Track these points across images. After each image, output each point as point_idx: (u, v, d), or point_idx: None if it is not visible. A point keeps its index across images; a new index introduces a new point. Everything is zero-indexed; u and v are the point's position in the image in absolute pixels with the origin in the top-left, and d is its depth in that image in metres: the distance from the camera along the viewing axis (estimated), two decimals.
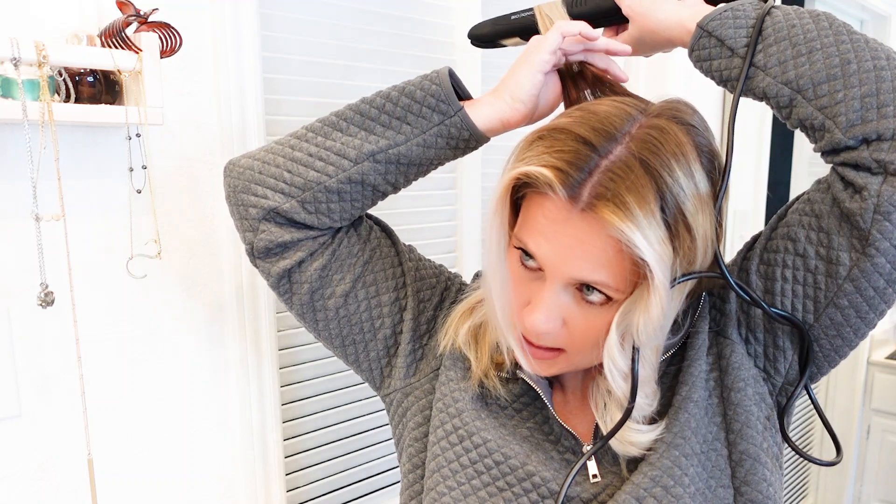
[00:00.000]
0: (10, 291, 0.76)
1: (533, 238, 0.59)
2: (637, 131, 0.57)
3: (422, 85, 0.69)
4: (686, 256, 0.57)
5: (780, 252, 0.62)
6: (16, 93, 0.66)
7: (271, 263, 0.71)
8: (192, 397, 0.92)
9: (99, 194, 0.81)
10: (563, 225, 0.57)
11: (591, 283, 0.57)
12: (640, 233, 0.53)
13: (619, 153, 0.55)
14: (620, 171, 0.54)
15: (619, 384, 0.60)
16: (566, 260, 0.57)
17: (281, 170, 0.69)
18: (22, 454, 0.79)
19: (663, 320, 0.57)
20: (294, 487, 1.08)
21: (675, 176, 0.55)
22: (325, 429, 1.12)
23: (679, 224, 0.55)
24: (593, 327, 0.60)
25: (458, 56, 1.22)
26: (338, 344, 0.75)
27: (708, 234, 0.59)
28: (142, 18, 0.73)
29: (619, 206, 0.53)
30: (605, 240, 0.55)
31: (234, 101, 0.90)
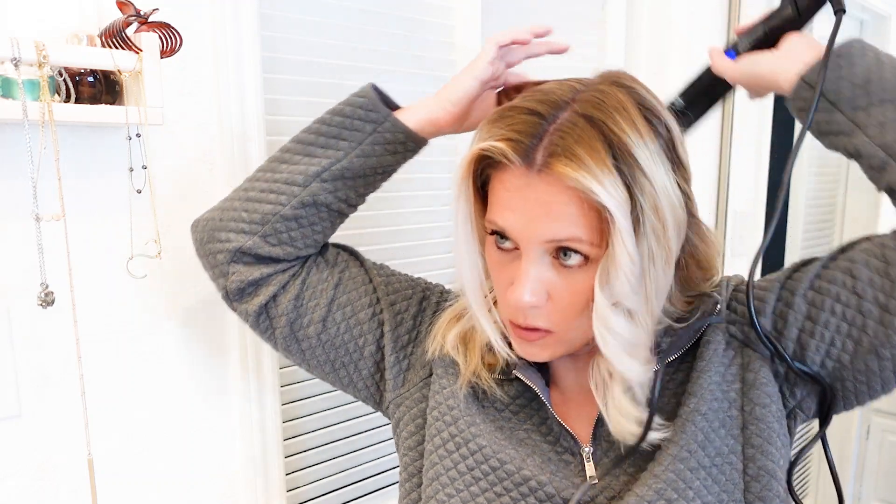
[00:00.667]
0: (10, 291, 0.76)
1: (500, 213, 0.60)
2: (580, 97, 0.59)
3: (350, 101, 0.74)
4: (648, 204, 0.57)
5: (835, 284, 0.63)
6: (16, 93, 0.66)
7: (247, 303, 0.75)
8: (193, 397, 0.92)
9: (99, 194, 0.81)
10: (525, 191, 0.58)
11: (564, 242, 0.58)
12: (595, 180, 0.55)
13: (566, 116, 0.58)
14: (568, 129, 0.57)
15: (613, 351, 0.60)
16: (534, 224, 0.58)
17: (238, 212, 0.73)
18: (22, 454, 0.79)
19: (635, 269, 0.57)
20: (294, 487, 1.08)
21: (620, 126, 0.57)
22: (325, 429, 1.12)
23: (633, 170, 0.56)
24: (578, 293, 0.60)
25: (458, 56, 1.22)
26: (329, 370, 0.76)
27: (668, 189, 0.59)
28: (142, 18, 0.73)
29: (572, 158, 0.56)
30: (566, 195, 0.57)
31: (234, 101, 0.90)
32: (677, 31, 1.48)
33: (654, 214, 0.58)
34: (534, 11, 1.35)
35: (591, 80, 0.63)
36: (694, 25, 1.54)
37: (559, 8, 1.38)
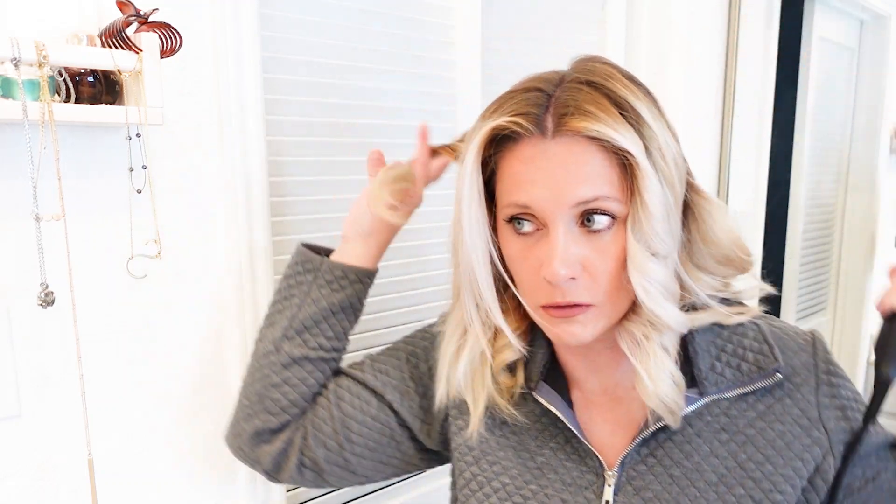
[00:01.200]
0: (10, 291, 0.76)
1: (520, 190, 0.60)
2: (570, 73, 0.62)
3: (288, 265, 0.80)
4: (657, 151, 0.58)
5: None
6: (16, 93, 0.66)
7: (286, 470, 0.78)
8: (192, 397, 0.92)
9: (99, 194, 0.81)
10: (542, 159, 0.59)
11: (592, 203, 0.58)
12: (612, 128, 0.56)
13: (565, 85, 0.60)
14: (573, 92, 0.59)
15: (656, 300, 0.60)
16: (560, 189, 0.58)
17: (242, 403, 0.79)
18: (22, 454, 0.79)
19: (662, 207, 0.58)
20: (294, 487, 1.08)
21: (616, 87, 0.59)
22: None
23: (639, 122, 0.58)
24: (611, 257, 0.59)
25: (458, 56, 1.22)
26: (389, 469, 0.80)
27: (669, 140, 0.60)
28: (142, 18, 0.73)
29: (584, 113, 0.57)
30: (586, 154, 0.58)
31: (234, 101, 0.90)
32: (677, 31, 1.48)
33: (663, 161, 0.59)
34: (534, 11, 1.35)
35: (574, 66, 0.65)
36: (694, 25, 1.54)
37: (559, 8, 1.38)
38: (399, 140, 1.15)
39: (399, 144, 1.16)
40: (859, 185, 2.46)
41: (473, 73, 1.24)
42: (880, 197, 2.48)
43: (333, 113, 1.07)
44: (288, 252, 1.03)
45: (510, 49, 1.32)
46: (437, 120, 1.20)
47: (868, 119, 2.45)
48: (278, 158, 1.01)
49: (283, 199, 1.02)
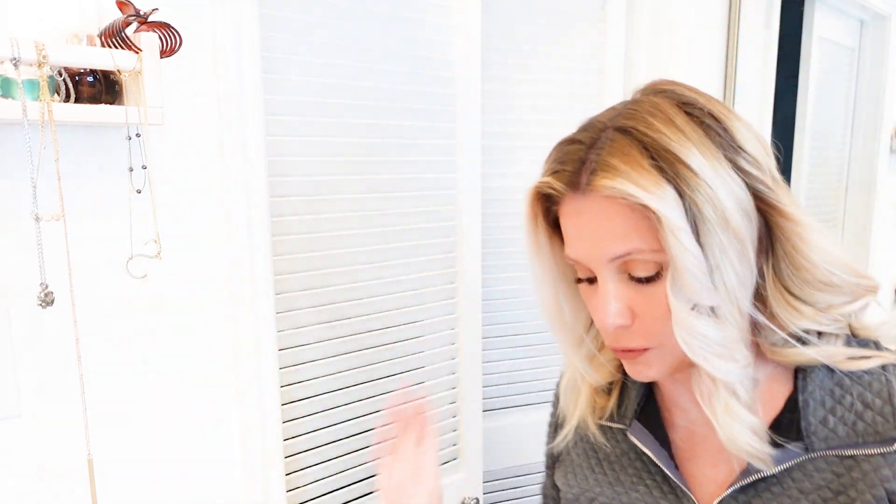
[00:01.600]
0: (10, 291, 0.76)
1: (568, 245, 0.62)
2: (618, 114, 0.60)
3: None
4: (702, 196, 0.55)
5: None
6: (16, 93, 0.66)
7: None
8: (192, 397, 0.92)
9: (99, 194, 0.81)
10: (580, 216, 0.59)
11: (626, 257, 0.57)
12: (631, 182, 0.55)
13: (604, 136, 0.58)
14: (604, 145, 0.57)
15: (701, 354, 0.58)
16: (594, 245, 0.59)
17: None
18: (22, 454, 0.79)
19: (701, 265, 0.55)
20: (294, 487, 1.08)
21: (654, 127, 0.56)
22: (326, 429, 1.12)
23: (675, 166, 0.55)
24: (658, 303, 0.58)
25: (457, 55, 1.22)
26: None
27: (724, 176, 0.56)
28: (142, 18, 0.73)
29: (607, 169, 0.56)
30: (613, 209, 0.57)
31: (234, 101, 0.90)
32: (677, 31, 1.48)
33: (711, 205, 0.55)
34: (533, 11, 1.34)
35: (632, 97, 0.62)
36: (694, 25, 1.54)
37: (559, 8, 1.38)
38: (399, 140, 1.15)
39: (399, 144, 1.16)
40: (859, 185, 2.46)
41: (473, 73, 1.24)
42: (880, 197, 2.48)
43: (333, 113, 1.07)
44: (288, 252, 1.04)
45: (510, 49, 1.32)
46: (437, 120, 1.20)
47: (868, 119, 2.44)
48: (278, 158, 1.01)
49: (283, 199, 1.02)
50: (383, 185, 1.14)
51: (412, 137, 1.17)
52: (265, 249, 0.96)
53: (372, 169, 1.13)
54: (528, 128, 1.38)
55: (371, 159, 1.12)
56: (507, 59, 1.32)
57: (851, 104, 2.44)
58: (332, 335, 1.11)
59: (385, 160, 1.14)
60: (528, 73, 1.36)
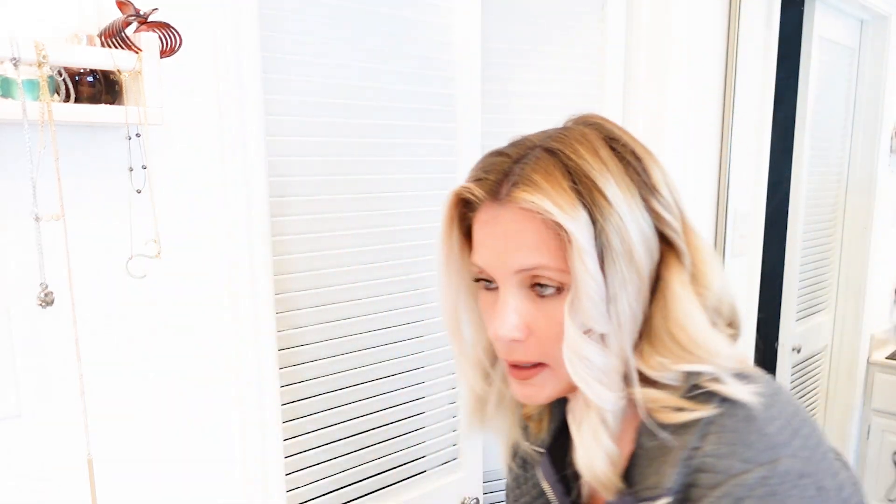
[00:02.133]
0: (10, 291, 0.76)
1: (477, 251, 0.63)
2: (547, 136, 0.62)
3: None
4: (612, 226, 0.56)
5: None
6: (16, 93, 0.66)
7: None
8: (192, 397, 0.92)
9: (99, 194, 0.81)
10: (493, 224, 0.60)
11: (532, 270, 0.58)
12: (550, 200, 0.56)
13: (531, 152, 0.60)
14: (529, 161, 0.59)
15: (583, 378, 0.58)
16: (502, 254, 0.60)
17: None
18: (22, 454, 0.79)
19: (601, 291, 0.56)
20: (294, 487, 1.08)
21: (578, 153, 0.58)
22: (325, 429, 1.12)
23: (593, 193, 0.57)
24: (556, 322, 0.59)
25: (457, 55, 1.22)
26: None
27: (636, 213, 0.58)
28: (141, 18, 0.73)
29: (529, 184, 0.57)
30: (528, 223, 0.58)
31: (234, 101, 0.90)
32: (677, 30, 1.48)
33: (619, 237, 0.57)
34: (533, 11, 1.34)
35: (564, 124, 0.65)
36: (694, 25, 1.54)
37: (559, 8, 1.38)
38: (399, 140, 1.15)
39: (399, 144, 1.16)
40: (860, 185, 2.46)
41: (473, 73, 1.24)
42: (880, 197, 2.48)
43: (333, 113, 1.07)
44: (287, 252, 1.04)
45: (510, 49, 1.32)
46: (437, 120, 1.20)
47: (868, 119, 2.44)
48: (278, 158, 1.01)
49: (283, 199, 1.02)
50: (383, 185, 1.14)
51: (412, 137, 1.17)
52: (265, 249, 0.96)
53: (372, 169, 1.13)
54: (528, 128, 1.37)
55: (371, 159, 1.12)
56: (507, 59, 1.32)
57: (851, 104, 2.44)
58: (332, 335, 1.11)
59: (385, 160, 1.14)
60: (528, 73, 1.36)
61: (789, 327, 2.26)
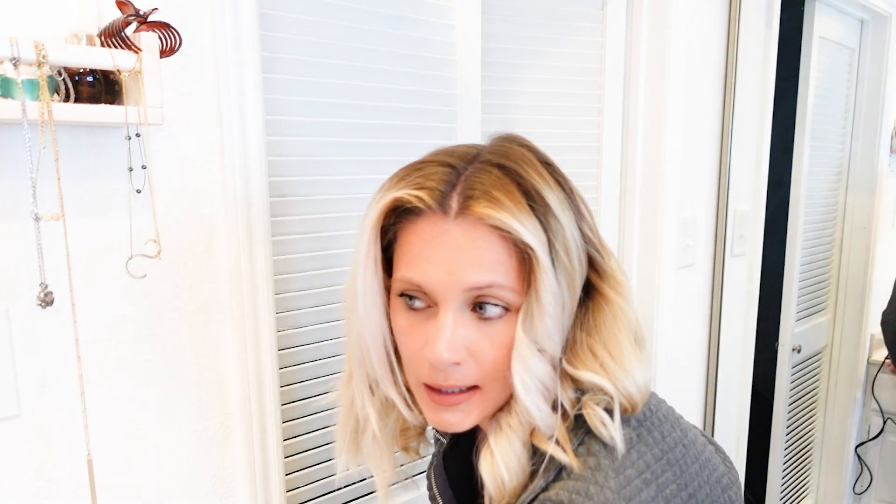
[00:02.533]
0: (9, 291, 0.76)
1: (415, 267, 0.58)
2: (484, 152, 0.60)
3: None
4: (561, 247, 0.57)
5: None
6: (15, 93, 0.66)
7: None
8: (192, 397, 0.92)
9: (99, 194, 0.81)
10: (442, 238, 0.57)
11: (486, 290, 0.56)
12: (516, 219, 0.55)
13: (477, 165, 0.58)
14: (483, 175, 0.57)
15: (533, 396, 0.57)
16: (453, 271, 0.56)
17: None
18: (22, 454, 0.79)
19: (556, 310, 0.56)
20: (294, 487, 1.08)
21: (529, 174, 0.57)
22: (325, 429, 1.12)
23: (546, 214, 0.57)
24: (500, 345, 0.58)
25: (458, 56, 1.22)
26: None
27: (575, 235, 0.59)
28: (141, 18, 0.73)
29: (491, 200, 0.56)
30: (486, 240, 0.56)
31: (234, 101, 0.90)
32: (677, 31, 1.48)
33: (567, 257, 0.58)
34: (533, 11, 1.34)
35: (493, 142, 0.63)
36: (694, 25, 1.54)
37: (559, 8, 1.38)
38: (399, 140, 1.15)
39: (398, 144, 1.16)
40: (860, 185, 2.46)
41: (473, 73, 1.24)
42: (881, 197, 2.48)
43: (333, 113, 1.07)
44: (288, 252, 1.04)
45: (510, 49, 1.32)
46: (438, 120, 1.20)
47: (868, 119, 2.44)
48: (278, 158, 1.01)
49: (283, 199, 1.02)
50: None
51: (412, 137, 1.17)
52: (265, 249, 0.96)
53: (372, 169, 1.13)
54: (528, 128, 1.38)
55: (371, 159, 1.12)
56: (507, 59, 1.32)
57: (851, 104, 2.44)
58: (332, 335, 1.11)
59: (385, 160, 1.14)
60: (528, 73, 1.36)
61: (789, 327, 2.26)
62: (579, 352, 0.61)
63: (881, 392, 2.59)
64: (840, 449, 2.59)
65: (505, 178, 0.57)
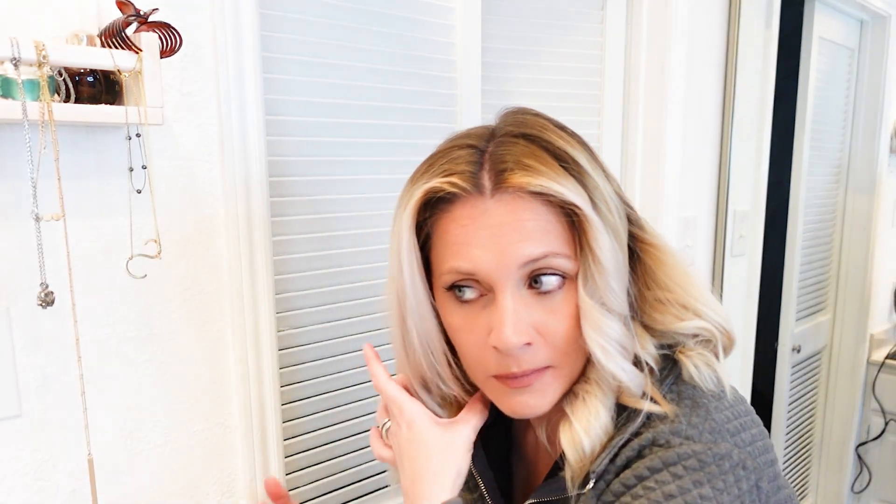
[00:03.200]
0: (10, 291, 0.76)
1: (461, 255, 0.56)
2: (499, 128, 0.59)
3: None
4: (601, 203, 0.56)
5: None
6: (16, 93, 0.66)
7: None
8: (192, 397, 0.92)
9: (99, 194, 0.81)
10: (483, 218, 0.55)
11: (542, 260, 0.55)
12: (556, 182, 0.54)
13: (498, 140, 0.57)
14: (509, 147, 0.56)
15: (615, 358, 0.55)
16: (502, 250, 0.55)
17: None
18: (22, 454, 0.79)
19: (614, 264, 0.56)
20: (294, 487, 1.08)
21: (554, 138, 0.57)
22: (325, 429, 1.12)
23: (582, 174, 0.56)
24: (566, 317, 0.56)
25: (458, 56, 1.22)
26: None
27: (609, 189, 0.58)
28: (142, 18, 0.73)
29: (525, 168, 0.54)
30: (530, 210, 0.55)
31: (234, 101, 0.90)
32: (677, 30, 1.48)
33: (609, 213, 0.57)
34: (533, 11, 1.34)
35: (504, 115, 0.62)
36: (694, 25, 1.54)
37: (559, 8, 1.38)
38: (399, 140, 1.15)
39: (398, 144, 1.16)
40: (859, 185, 2.46)
41: (473, 73, 1.24)
42: (880, 197, 2.48)
43: (333, 113, 1.07)
44: (288, 252, 1.04)
45: (510, 49, 1.32)
46: (437, 120, 1.20)
47: (868, 119, 2.45)
48: (278, 158, 1.01)
49: (283, 199, 1.02)
50: (383, 185, 1.14)
51: (412, 137, 1.17)
52: (265, 249, 0.96)
53: (372, 169, 1.13)
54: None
55: (371, 159, 1.12)
56: (507, 59, 1.32)
57: (851, 104, 2.44)
58: (332, 335, 1.11)
59: (385, 160, 1.14)
60: (528, 73, 1.36)
61: (789, 327, 2.26)
62: (654, 305, 0.60)
63: (881, 392, 2.59)
64: (840, 449, 2.59)
65: (531, 145, 0.56)
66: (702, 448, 0.53)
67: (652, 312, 0.60)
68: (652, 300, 0.60)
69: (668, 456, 0.53)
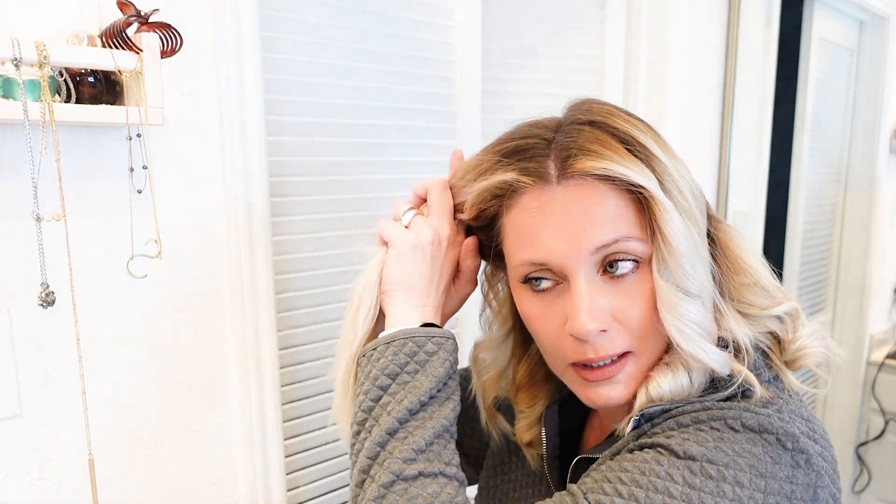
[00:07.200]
0: (10, 291, 0.76)
1: (533, 244, 0.57)
2: (566, 118, 0.59)
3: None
4: (671, 184, 0.56)
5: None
6: (17, 93, 0.66)
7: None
8: (193, 397, 0.92)
9: (99, 194, 0.81)
10: (551, 206, 0.56)
11: (613, 245, 0.54)
12: (622, 165, 0.54)
13: (566, 128, 0.57)
14: (574, 135, 0.56)
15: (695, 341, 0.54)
16: (574, 237, 0.55)
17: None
18: (22, 454, 0.79)
19: (689, 246, 0.55)
20: (294, 487, 1.08)
21: (620, 123, 0.56)
22: (325, 429, 1.12)
23: (648, 156, 0.55)
24: (642, 301, 0.56)
25: (458, 56, 1.22)
26: None
27: (680, 171, 0.58)
28: (142, 19, 0.73)
29: (589, 152, 0.54)
30: (597, 195, 0.55)
31: (234, 101, 0.90)
32: (677, 31, 1.48)
33: (680, 194, 0.56)
34: (533, 11, 1.35)
35: (572, 105, 0.62)
36: (694, 25, 1.54)
37: (559, 8, 1.38)
38: (399, 140, 1.16)
39: (399, 144, 1.16)
40: (859, 185, 2.46)
41: (473, 73, 1.24)
42: (880, 197, 2.48)
43: (333, 113, 1.07)
44: (288, 252, 1.04)
45: (510, 49, 1.33)
46: (438, 120, 1.20)
47: (868, 119, 2.45)
48: (278, 158, 1.01)
49: (284, 199, 1.02)
50: (384, 185, 1.14)
51: (412, 137, 1.17)
52: (266, 250, 0.96)
53: (372, 169, 1.13)
54: None
55: (371, 159, 1.12)
56: (507, 59, 1.32)
57: (851, 104, 2.44)
58: (333, 335, 1.11)
59: (385, 160, 1.14)
60: (528, 73, 1.36)
61: None
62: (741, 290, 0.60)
63: (881, 392, 2.59)
64: (840, 449, 2.59)
65: (596, 130, 0.56)
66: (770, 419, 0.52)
67: (747, 296, 0.60)
68: (738, 285, 0.60)
69: (731, 414, 0.53)
